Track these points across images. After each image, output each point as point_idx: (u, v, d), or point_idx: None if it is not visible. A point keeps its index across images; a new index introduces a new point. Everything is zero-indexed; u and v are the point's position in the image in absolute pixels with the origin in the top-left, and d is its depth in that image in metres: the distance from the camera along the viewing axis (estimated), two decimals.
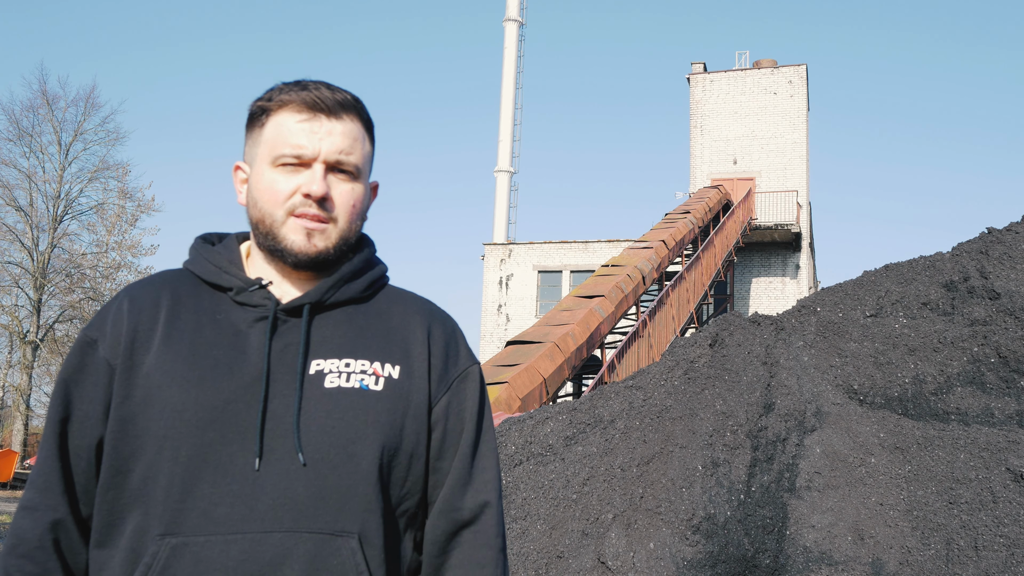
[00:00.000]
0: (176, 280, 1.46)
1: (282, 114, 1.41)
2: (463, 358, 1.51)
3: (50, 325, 32.02)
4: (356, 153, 1.43)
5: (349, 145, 1.42)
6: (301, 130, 1.40)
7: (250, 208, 1.44)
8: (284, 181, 1.40)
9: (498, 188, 38.52)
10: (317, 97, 1.40)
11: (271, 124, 1.42)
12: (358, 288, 1.47)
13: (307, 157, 1.39)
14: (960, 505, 4.49)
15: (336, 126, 1.41)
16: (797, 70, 32.40)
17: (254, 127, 1.44)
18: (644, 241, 21.63)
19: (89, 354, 1.38)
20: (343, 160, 1.41)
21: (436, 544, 1.44)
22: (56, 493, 1.34)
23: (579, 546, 4.77)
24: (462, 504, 1.44)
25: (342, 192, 1.42)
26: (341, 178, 1.42)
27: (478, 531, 1.44)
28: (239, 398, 1.33)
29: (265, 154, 1.41)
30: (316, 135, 1.40)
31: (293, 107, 1.40)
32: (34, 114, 32.70)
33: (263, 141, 1.42)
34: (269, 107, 1.42)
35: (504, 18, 40.09)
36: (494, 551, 1.44)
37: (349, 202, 1.43)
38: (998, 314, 5.38)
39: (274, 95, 1.43)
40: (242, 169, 1.48)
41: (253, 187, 1.43)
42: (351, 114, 1.43)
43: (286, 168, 1.40)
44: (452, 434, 1.46)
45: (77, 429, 1.36)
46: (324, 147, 1.40)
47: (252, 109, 1.45)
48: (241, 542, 1.27)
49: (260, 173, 1.42)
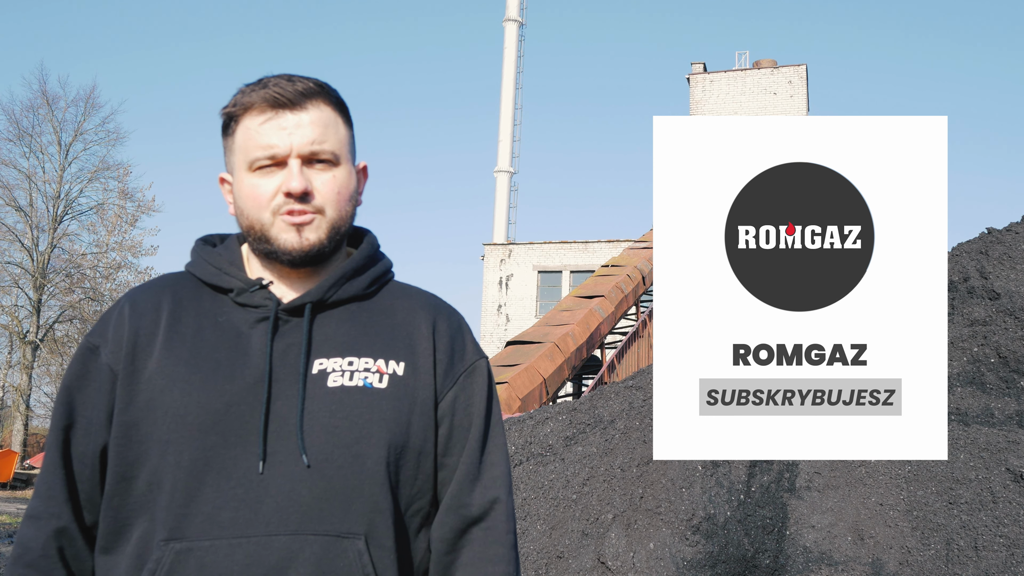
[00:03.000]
0: (177, 283, 1.45)
1: (248, 118, 1.39)
2: (470, 352, 1.49)
3: (50, 325, 32.01)
4: (330, 139, 1.40)
5: (320, 134, 1.39)
6: (269, 129, 1.37)
7: (239, 217, 1.43)
8: (264, 184, 1.38)
9: (498, 188, 38.53)
10: (278, 93, 1.38)
11: (240, 130, 1.40)
12: (361, 285, 1.45)
13: (280, 155, 1.37)
14: (960, 505, 4.49)
15: (303, 117, 1.38)
16: (797, 70, 32.43)
17: (227, 136, 1.43)
18: (644, 241, 21.64)
19: (91, 361, 1.38)
20: (317, 150, 1.39)
21: (445, 541, 1.41)
22: (60, 501, 1.34)
23: (579, 546, 4.78)
24: (471, 500, 1.42)
25: (324, 182, 1.40)
26: (320, 168, 1.40)
27: (488, 527, 1.42)
28: (242, 400, 1.32)
29: (241, 161, 1.40)
30: (285, 131, 1.37)
31: (256, 108, 1.38)
32: (34, 114, 32.72)
33: (236, 148, 1.41)
34: (235, 113, 1.40)
35: (504, 18, 40.10)
36: (505, 547, 1.42)
37: (333, 190, 1.40)
38: (998, 314, 5.38)
39: (237, 100, 1.40)
40: (226, 180, 1.47)
41: (237, 195, 1.42)
42: (316, 101, 1.40)
43: (263, 171, 1.38)
44: (460, 429, 1.44)
45: (81, 436, 1.36)
46: (295, 141, 1.37)
47: (222, 118, 1.43)
48: (246, 546, 1.26)
49: (240, 181, 1.40)
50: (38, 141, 32.53)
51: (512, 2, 39.93)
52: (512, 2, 39.93)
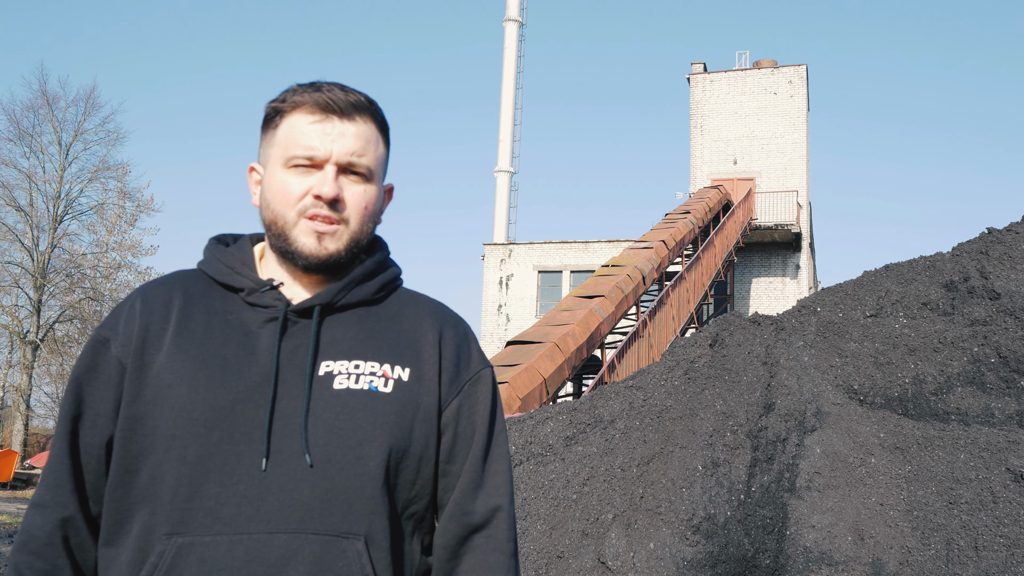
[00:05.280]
0: (189, 280, 1.46)
1: (295, 116, 1.41)
2: (475, 361, 1.50)
3: (50, 325, 32.00)
4: (369, 155, 1.43)
5: (361, 147, 1.42)
6: (313, 131, 1.40)
7: (263, 210, 1.44)
8: (296, 183, 1.40)
9: (498, 188, 38.52)
10: (330, 99, 1.40)
11: (284, 126, 1.42)
12: (370, 290, 1.47)
13: (319, 159, 1.39)
14: (960, 505, 4.49)
15: (349, 128, 1.41)
16: (797, 70, 32.41)
17: (268, 129, 1.45)
18: (644, 241, 21.64)
19: (101, 353, 1.39)
20: (355, 162, 1.41)
21: (447, 548, 1.43)
22: (66, 491, 1.36)
23: (579, 546, 4.78)
24: (473, 508, 1.43)
25: (354, 194, 1.42)
26: (353, 180, 1.42)
27: (490, 535, 1.44)
28: (247, 398, 1.33)
29: (278, 155, 1.42)
30: (328, 136, 1.40)
31: (306, 108, 1.41)
32: (34, 114, 32.74)
33: (276, 143, 1.43)
34: (282, 108, 1.43)
35: (504, 18, 40.09)
36: (506, 556, 1.44)
37: (361, 204, 1.43)
38: (998, 314, 5.39)
39: (287, 96, 1.43)
40: (256, 170, 1.49)
41: (266, 188, 1.43)
42: (364, 116, 1.43)
43: (298, 170, 1.40)
44: (463, 437, 1.45)
45: (88, 427, 1.37)
46: (336, 149, 1.40)
47: (266, 111, 1.45)
48: (247, 542, 1.27)
49: (273, 174, 1.42)
50: (38, 141, 32.57)
51: (512, 2, 39.92)
52: (512, 2, 39.92)
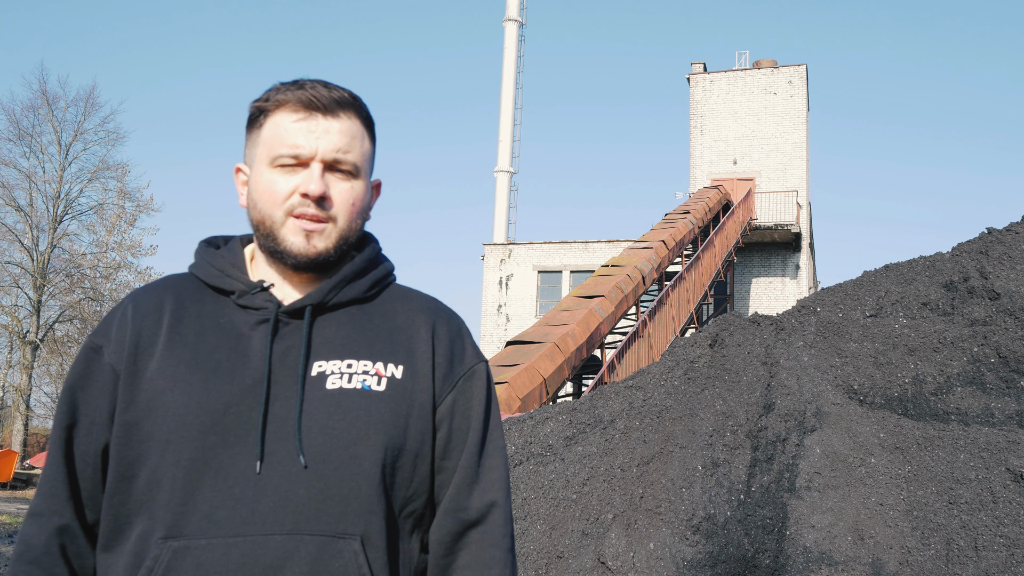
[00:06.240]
0: (180, 284, 1.46)
1: (279, 114, 1.41)
2: (469, 356, 1.49)
3: (50, 325, 32.01)
4: (354, 151, 1.42)
5: (347, 143, 1.41)
6: (298, 129, 1.39)
7: (250, 210, 1.44)
8: (282, 182, 1.39)
9: (498, 188, 38.52)
10: (313, 96, 1.40)
11: (268, 125, 1.41)
12: (361, 288, 1.46)
13: (304, 156, 1.39)
14: (960, 505, 4.49)
15: (333, 124, 1.40)
16: (797, 70, 32.41)
17: (253, 128, 1.44)
18: (644, 241, 21.64)
19: (94, 360, 1.39)
20: (341, 158, 1.41)
21: (443, 544, 1.42)
22: (62, 499, 1.36)
23: (579, 546, 4.77)
24: (469, 504, 1.43)
25: (341, 191, 1.41)
26: (339, 177, 1.42)
27: (485, 531, 1.43)
28: (240, 401, 1.33)
29: (263, 155, 1.41)
30: (313, 134, 1.39)
31: (289, 107, 1.40)
32: (34, 114, 32.75)
33: (261, 142, 1.42)
34: (266, 107, 1.42)
35: (504, 18, 40.09)
36: (502, 551, 1.43)
37: (348, 200, 1.42)
38: (998, 314, 5.38)
39: (271, 95, 1.42)
40: (243, 171, 1.48)
41: (253, 188, 1.43)
42: (348, 112, 1.42)
43: (284, 168, 1.40)
44: (458, 433, 1.44)
45: (83, 435, 1.37)
46: (321, 146, 1.39)
47: (250, 110, 1.45)
48: (242, 545, 1.27)
49: (259, 174, 1.42)
50: (38, 141, 32.58)
51: (512, 2, 39.92)
52: (512, 2, 39.92)
